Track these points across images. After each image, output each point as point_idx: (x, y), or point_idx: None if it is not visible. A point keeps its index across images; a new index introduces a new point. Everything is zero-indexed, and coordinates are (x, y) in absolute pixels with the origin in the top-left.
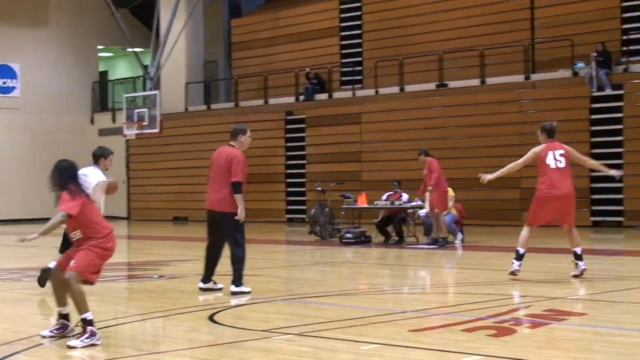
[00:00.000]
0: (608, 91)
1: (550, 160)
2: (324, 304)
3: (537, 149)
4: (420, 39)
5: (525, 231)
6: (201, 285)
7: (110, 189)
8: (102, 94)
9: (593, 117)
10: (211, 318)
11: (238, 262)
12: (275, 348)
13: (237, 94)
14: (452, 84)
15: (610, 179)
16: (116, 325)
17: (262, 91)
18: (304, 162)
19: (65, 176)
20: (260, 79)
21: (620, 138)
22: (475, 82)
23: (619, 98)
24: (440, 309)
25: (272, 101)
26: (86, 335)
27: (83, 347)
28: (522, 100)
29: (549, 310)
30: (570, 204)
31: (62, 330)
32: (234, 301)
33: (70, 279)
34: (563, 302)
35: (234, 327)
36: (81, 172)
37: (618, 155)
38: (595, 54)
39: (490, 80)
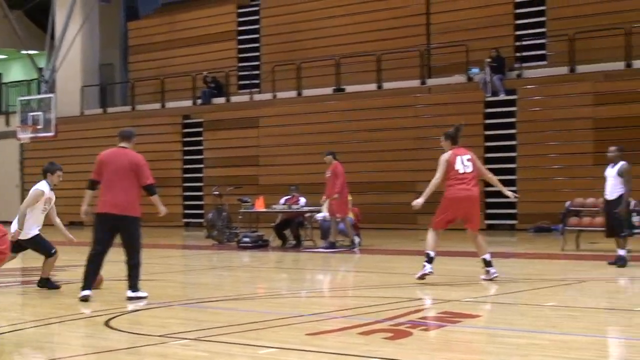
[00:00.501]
0: (502, 96)
1: (458, 165)
2: (221, 308)
3: (446, 156)
4: (318, 43)
5: (431, 234)
6: (88, 293)
7: None
8: None
9: (487, 121)
10: (107, 324)
11: (137, 268)
12: (172, 353)
13: (133, 97)
14: (349, 88)
15: (505, 183)
16: (10, 332)
17: (159, 95)
18: (202, 166)
19: None
20: (157, 83)
21: (513, 142)
22: (372, 86)
23: (512, 103)
24: (337, 312)
25: (169, 105)
26: None
27: None
28: (418, 105)
29: (444, 313)
30: (475, 208)
31: None
32: (130, 306)
33: None
34: (458, 304)
35: (130, 332)
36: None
37: (511, 160)
38: (489, 60)
39: (386, 85)
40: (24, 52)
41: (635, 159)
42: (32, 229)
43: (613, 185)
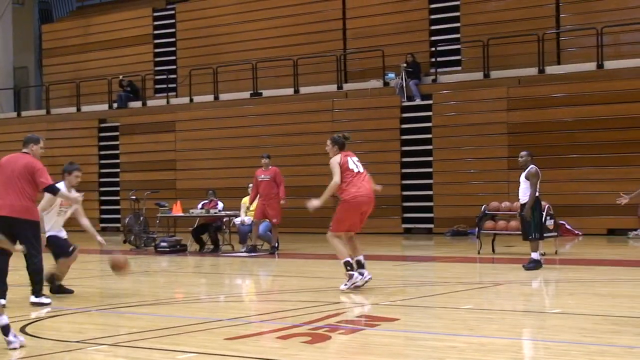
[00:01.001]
0: (417, 101)
1: (352, 165)
2: (138, 313)
3: (337, 159)
4: (234, 47)
5: (336, 241)
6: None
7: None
8: None
9: (403, 126)
10: (23, 330)
11: (39, 272)
12: (90, 359)
13: (48, 101)
14: (266, 92)
15: (421, 187)
16: None
17: (74, 98)
18: (118, 170)
19: None
20: (72, 86)
21: (429, 147)
22: (289, 91)
23: (428, 108)
24: (255, 316)
25: (84, 108)
26: None
27: None
28: (335, 110)
29: (362, 317)
30: (371, 209)
31: None
32: (34, 314)
33: None
34: (376, 308)
35: (47, 338)
36: None
37: (427, 164)
38: (405, 65)
39: (303, 90)
40: None
41: (548, 164)
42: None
43: (524, 189)
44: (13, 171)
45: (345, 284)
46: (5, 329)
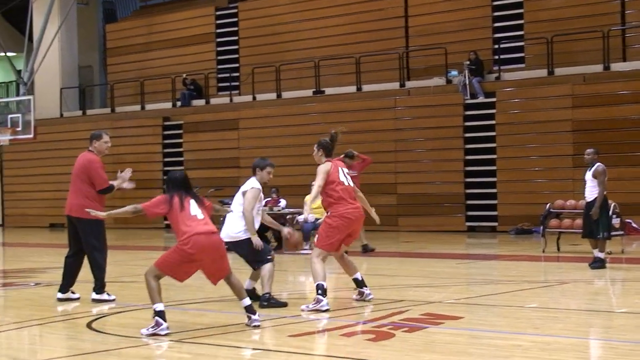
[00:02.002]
0: (480, 99)
1: (342, 177)
2: (203, 310)
3: (326, 167)
4: (297, 45)
5: (316, 261)
6: (59, 295)
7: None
8: None
9: (466, 124)
10: (89, 325)
11: (98, 269)
12: (155, 355)
13: (112, 99)
14: (329, 90)
15: (485, 185)
16: None
17: (138, 97)
18: (182, 167)
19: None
20: (136, 85)
21: (493, 145)
22: (352, 89)
23: (491, 106)
24: (320, 314)
25: (148, 107)
26: None
27: None
28: (397, 108)
29: (426, 315)
30: (361, 225)
31: None
32: (95, 310)
33: None
34: (440, 306)
35: (113, 334)
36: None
37: (491, 162)
38: (467, 62)
39: (366, 88)
40: (2, 54)
41: (613, 161)
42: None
43: (590, 188)
44: (74, 170)
45: (308, 306)
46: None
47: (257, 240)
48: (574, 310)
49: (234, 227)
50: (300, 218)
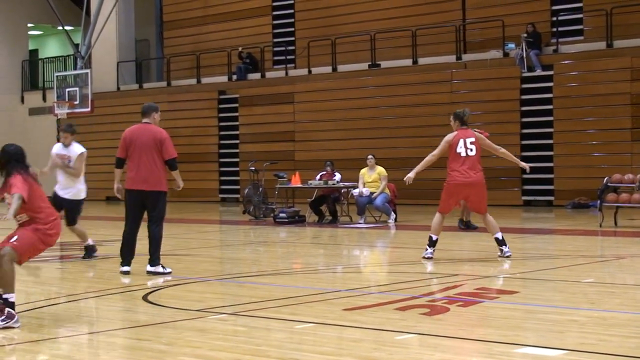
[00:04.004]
0: (538, 72)
1: (460, 149)
2: (258, 283)
3: (449, 137)
4: (352, 18)
5: (437, 218)
6: (127, 269)
7: None
8: (32, 73)
9: (523, 97)
10: (145, 298)
11: (160, 242)
12: (210, 327)
13: (169, 73)
14: (384, 64)
15: (541, 159)
16: (48, 305)
17: (194, 70)
18: (237, 141)
19: (13, 160)
20: (193, 58)
21: (550, 118)
22: (407, 62)
23: (548, 79)
24: (373, 288)
25: (204, 80)
26: (3, 317)
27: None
28: (454, 81)
29: (481, 289)
30: (480, 192)
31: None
32: (150, 282)
33: (5, 255)
34: (495, 280)
35: (168, 307)
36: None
37: (548, 135)
38: (525, 35)
39: (422, 61)
40: (59, 28)
41: None
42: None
43: None
44: (143, 144)
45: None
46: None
47: None
48: (631, 285)
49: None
50: (355, 192)
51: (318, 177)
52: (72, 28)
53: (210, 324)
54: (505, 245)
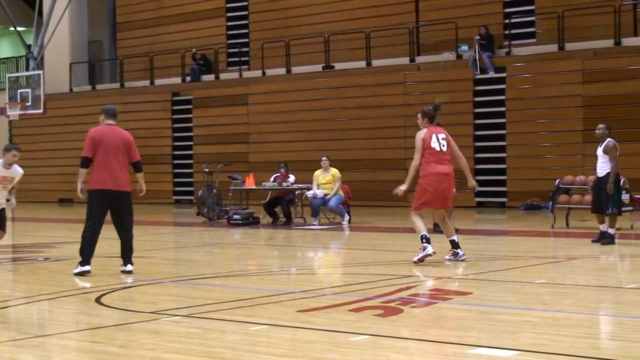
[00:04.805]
0: (491, 74)
1: (434, 144)
2: (212, 285)
3: (421, 134)
4: (306, 20)
5: (416, 217)
6: (88, 268)
7: None
8: None
9: (476, 99)
10: (98, 300)
11: (132, 241)
12: (164, 330)
13: (122, 74)
14: (338, 65)
15: (494, 160)
16: (1, 308)
17: (148, 72)
18: (191, 143)
19: None
20: (146, 60)
21: (503, 120)
22: (361, 64)
23: (501, 81)
24: (327, 289)
25: (158, 82)
26: None
27: None
28: (407, 83)
29: (435, 290)
30: (452, 188)
31: None
32: (130, 279)
33: None
34: (448, 281)
35: (121, 309)
36: None
37: (501, 137)
38: (478, 37)
39: (375, 63)
40: (11, 28)
41: (624, 137)
42: None
43: (601, 163)
44: (115, 145)
45: (418, 256)
46: None
47: None
48: (582, 286)
49: None
50: (309, 193)
51: (272, 178)
52: (24, 29)
53: (164, 326)
54: (461, 249)
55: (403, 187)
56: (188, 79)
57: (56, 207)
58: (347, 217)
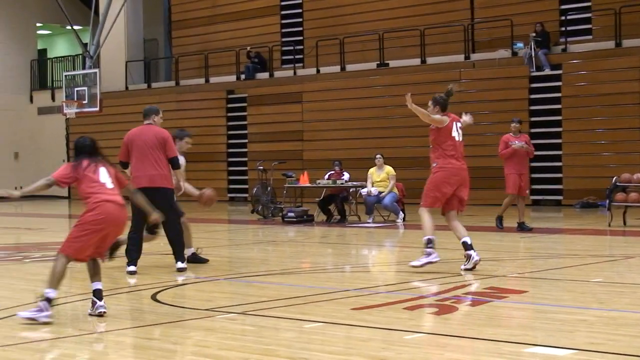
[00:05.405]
0: (547, 71)
1: (455, 133)
2: (266, 282)
3: (442, 117)
4: (361, 18)
5: (427, 215)
6: (134, 268)
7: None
8: (41, 72)
9: (532, 96)
10: (154, 297)
11: (181, 237)
12: (219, 327)
13: (177, 72)
14: (393, 63)
15: (550, 158)
16: (58, 305)
17: (202, 70)
18: (246, 141)
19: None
20: (201, 58)
21: (558, 118)
22: (416, 61)
23: (557, 78)
24: (382, 287)
25: (213, 80)
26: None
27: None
28: (462, 80)
29: (490, 288)
30: (468, 184)
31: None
32: (181, 278)
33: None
34: (504, 280)
35: (176, 306)
36: None
37: (557, 135)
38: (533, 34)
39: (430, 60)
40: (68, 27)
41: None
42: None
43: None
44: (146, 143)
45: (419, 261)
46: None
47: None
48: (639, 284)
49: None
50: (364, 191)
51: (326, 176)
52: (80, 28)
53: (218, 324)
54: (474, 250)
55: (409, 100)
56: (242, 77)
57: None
58: (401, 215)
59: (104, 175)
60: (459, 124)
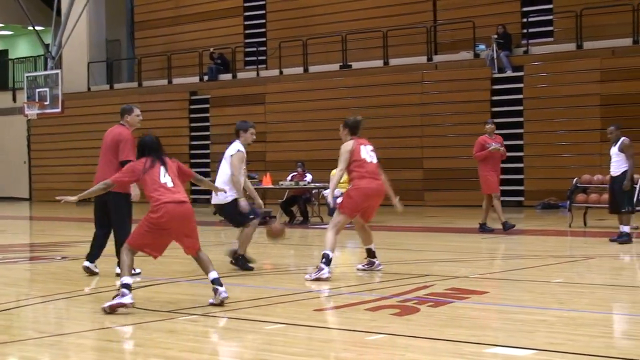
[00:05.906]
0: (508, 73)
1: (365, 155)
2: (228, 284)
3: (348, 146)
4: (324, 19)
5: (333, 234)
6: (86, 264)
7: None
8: (2, 73)
9: (494, 98)
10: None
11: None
12: (180, 329)
13: (140, 73)
14: (356, 64)
15: (512, 159)
16: (18, 307)
17: (165, 71)
18: (209, 142)
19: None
20: (164, 59)
21: (520, 119)
22: (379, 63)
23: (519, 80)
24: (344, 288)
25: (175, 81)
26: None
27: None
28: (425, 82)
29: (451, 289)
30: (381, 201)
31: None
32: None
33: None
34: (465, 280)
35: (138, 308)
36: None
37: (518, 136)
38: (495, 36)
39: (393, 62)
40: (30, 28)
41: None
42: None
43: (615, 162)
44: (105, 143)
45: (311, 275)
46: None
47: (243, 203)
48: (599, 285)
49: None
50: (326, 192)
51: (289, 177)
52: (42, 28)
53: (180, 325)
54: (377, 258)
55: (330, 196)
56: (205, 78)
57: (74, 206)
58: None
59: (164, 174)
60: (368, 147)
